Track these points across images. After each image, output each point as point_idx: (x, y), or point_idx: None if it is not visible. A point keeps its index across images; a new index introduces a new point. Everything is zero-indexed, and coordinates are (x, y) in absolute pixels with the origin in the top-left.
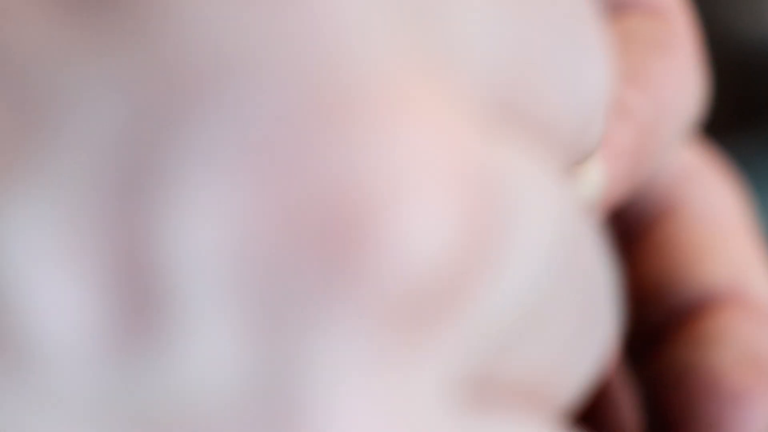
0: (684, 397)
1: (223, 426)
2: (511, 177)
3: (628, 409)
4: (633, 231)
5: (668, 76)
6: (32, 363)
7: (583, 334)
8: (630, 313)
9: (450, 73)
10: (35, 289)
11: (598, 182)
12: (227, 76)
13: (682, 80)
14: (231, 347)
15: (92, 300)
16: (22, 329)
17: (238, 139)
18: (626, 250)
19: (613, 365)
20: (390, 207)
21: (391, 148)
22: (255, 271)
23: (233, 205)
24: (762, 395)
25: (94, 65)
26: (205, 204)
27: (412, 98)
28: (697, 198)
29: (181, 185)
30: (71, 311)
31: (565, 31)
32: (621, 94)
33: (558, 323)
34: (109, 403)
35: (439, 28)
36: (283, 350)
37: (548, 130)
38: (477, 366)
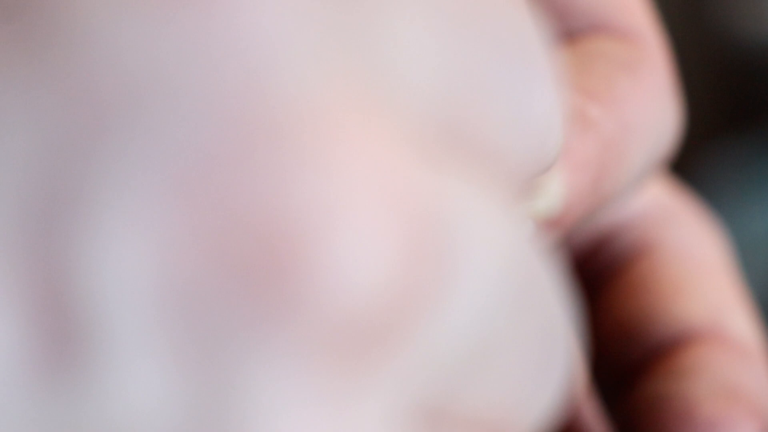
0: (660, 427)
1: None
2: (455, 206)
3: None
4: (609, 271)
5: (634, 96)
6: None
7: (540, 366)
8: (607, 352)
9: (386, 99)
10: None
11: (558, 193)
12: (145, 102)
13: (651, 103)
14: (161, 378)
15: (11, 330)
16: None
17: (158, 166)
18: (602, 290)
19: (585, 401)
20: (322, 234)
21: (324, 174)
22: (179, 299)
23: (154, 233)
24: (738, 424)
25: (11, 88)
26: (124, 232)
27: (345, 124)
28: (673, 238)
29: (99, 214)
30: None
31: (510, 59)
32: (583, 107)
33: (514, 357)
34: (31, 429)
35: (371, 54)
36: (217, 381)
37: (495, 158)
38: (428, 398)
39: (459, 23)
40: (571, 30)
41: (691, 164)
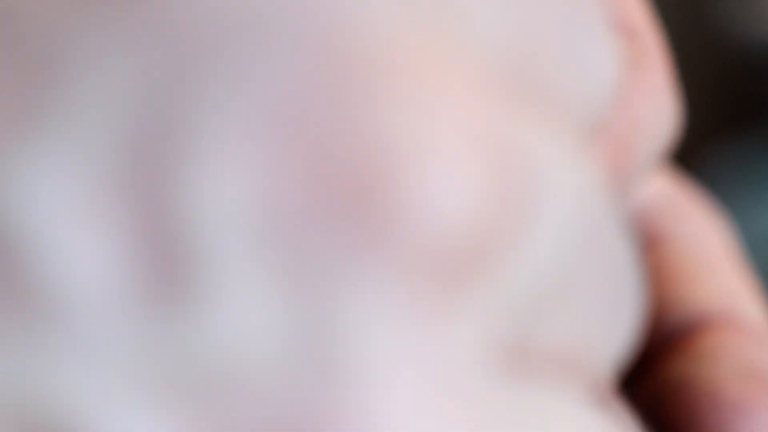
0: (683, 410)
1: (261, 382)
2: (532, 143)
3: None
4: None
5: (641, 94)
6: (61, 314)
7: (611, 308)
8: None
9: (464, 43)
10: (63, 242)
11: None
12: (241, 38)
13: (654, 99)
14: (262, 302)
15: (118, 253)
16: (52, 282)
17: (260, 96)
18: None
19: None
20: (414, 162)
21: (413, 110)
22: (281, 225)
23: (258, 161)
24: (762, 406)
25: (106, 28)
26: (229, 159)
27: (432, 64)
28: (681, 229)
29: (201, 146)
30: (97, 264)
31: (572, 14)
32: None
33: (586, 295)
34: (138, 356)
35: (454, 3)
36: (315, 303)
37: (560, 103)
38: (511, 332)
39: None
40: None
41: (691, 164)
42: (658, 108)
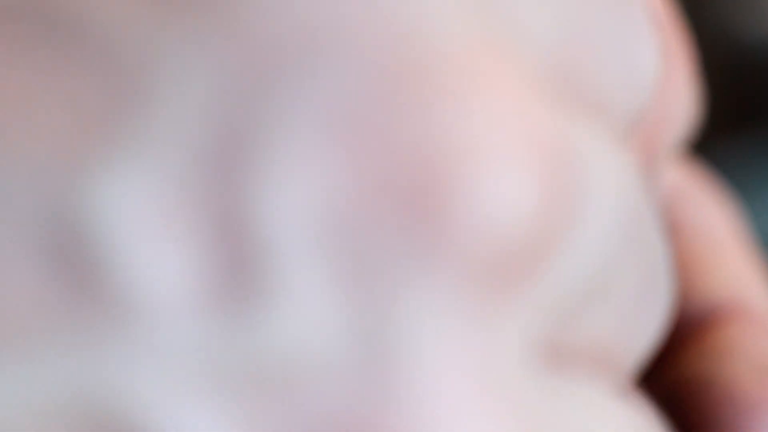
0: (699, 409)
1: (321, 380)
2: (579, 145)
3: None
4: None
5: (669, 84)
6: (137, 319)
7: (645, 302)
8: None
9: (516, 48)
10: (138, 250)
11: None
12: (314, 48)
13: (680, 90)
14: (325, 304)
15: (191, 259)
16: (127, 288)
17: (326, 107)
18: None
19: None
20: (471, 166)
21: (470, 115)
22: (345, 230)
23: (322, 167)
24: None
25: (183, 38)
26: (296, 166)
27: (485, 70)
28: (692, 217)
29: (273, 149)
30: (172, 270)
31: (618, 14)
32: None
33: (622, 290)
34: (210, 358)
35: (503, 7)
36: (375, 305)
37: (605, 107)
38: (551, 328)
39: None
40: None
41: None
42: (682, 97)
